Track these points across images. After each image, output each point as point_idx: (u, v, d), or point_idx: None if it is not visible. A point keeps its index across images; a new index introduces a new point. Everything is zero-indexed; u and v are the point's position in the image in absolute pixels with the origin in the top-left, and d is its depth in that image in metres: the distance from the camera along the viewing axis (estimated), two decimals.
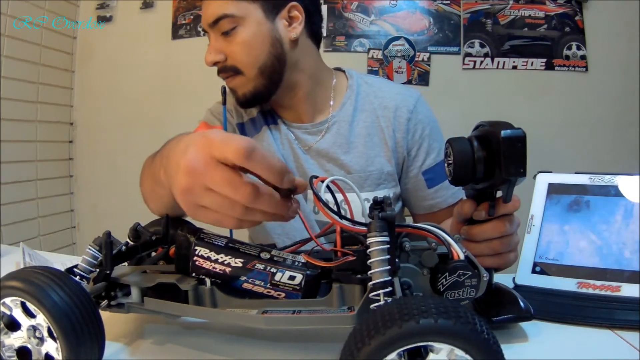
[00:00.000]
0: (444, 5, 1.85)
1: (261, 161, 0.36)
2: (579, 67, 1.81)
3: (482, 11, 1.84)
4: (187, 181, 0.37)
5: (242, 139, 0.36)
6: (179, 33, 1.98)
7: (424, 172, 0.86)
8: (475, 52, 1.84)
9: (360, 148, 0.84)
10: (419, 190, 0.87)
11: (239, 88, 0.79)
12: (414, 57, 1.86)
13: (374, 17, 1.88)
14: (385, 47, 1.87)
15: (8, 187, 1.68)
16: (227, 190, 0.36)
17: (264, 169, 0.37)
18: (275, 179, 0.38)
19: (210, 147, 0.37)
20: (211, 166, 0.36)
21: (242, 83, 0.78)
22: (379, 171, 0.84)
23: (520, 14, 1.83)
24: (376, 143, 0.85)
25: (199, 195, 0.38)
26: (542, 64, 1.82)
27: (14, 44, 1.69)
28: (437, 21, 1.85)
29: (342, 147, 0.84)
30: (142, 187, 0.65)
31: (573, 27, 1.81)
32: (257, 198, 0.37)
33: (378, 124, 0.86)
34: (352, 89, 0.88)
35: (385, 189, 0.85)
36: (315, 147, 0.85)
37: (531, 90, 1.83)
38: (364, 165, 0.84)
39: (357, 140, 0.85)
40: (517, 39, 1.83)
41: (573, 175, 0.64)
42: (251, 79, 0.77)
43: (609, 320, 0.51)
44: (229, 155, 0.36)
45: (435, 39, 1.86)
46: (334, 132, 0.85)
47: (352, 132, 0.85)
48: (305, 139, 0.86)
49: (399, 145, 0.85)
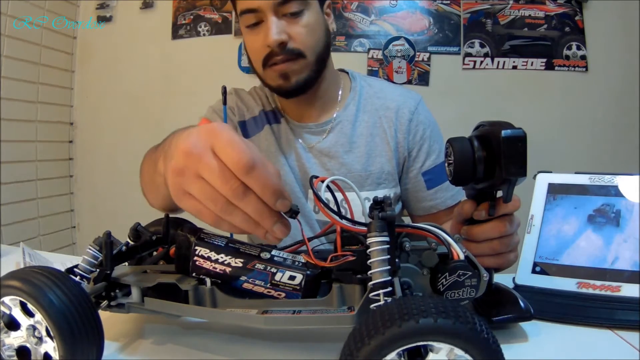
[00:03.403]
0: (444, 5, 1.85)
1: (258, 179, 0.35)
2: (579, 67, 1.81)
3: (482, 11, 1.84)
4: (182, 163, 0.37)
5: (245, 150, 0.35)
6: (179, 33, 1.98)
7: (424, 173, 0.86)
8: (475, 52, 1.84)
9: (362, 148, 0.85)
10: (419, 191, 0.87)
11: (295, 73, 0.77)
12: (414, 57, 1.86)
13: (374, 17, 1.88)
14: (385, 47, 1.87)
15: (8, 187, 1.68)
16: (216, 181, 0.36)
17: (260, 187, 0.36)
18: (269, 199, 0.37)
19: (214, 138, 0.36)
20: (208, 154, 0.36)
21: (301, 67, 0.76)
22: (379, 171, 0.85)
23: (520, 14, 1.83)
24: (378, 143, 0.86)
25: (188, 180, 0.37)
26: (542, 64, 1.82)
27: (14, 44, 1.69)
28: (437, 21, 1.85)
29: (344, 147, 0.85)
30: (142, 177, 0.65)
31: (573, 27, 1.81)
32: (244, 197, 0.36)
33: (380, 124, 0.86)
34: (355, 90, 0.89)
35: (386, 188, 0.86)
36: (318, 146, 0.85)
37: (531, 90, 1.83)
38: (365, 165, 0.84)
39: (359, 140, 0.85)
40: (517, 39, 1.83)
41: (573, 175, 0.64)
42: (310, 63, 0.77)
43: (609, 320, 0.51)
44: (228, 163, 0.35)
45: (435, 39, 1.86)
46: (337, 132, 0.86)
47: (354, 132, 0.86)
48: (309, 138, 0.86)
49: (400, 145, 0.86)
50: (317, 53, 0.77)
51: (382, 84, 0.93)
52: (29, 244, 0.82)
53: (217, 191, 0.36)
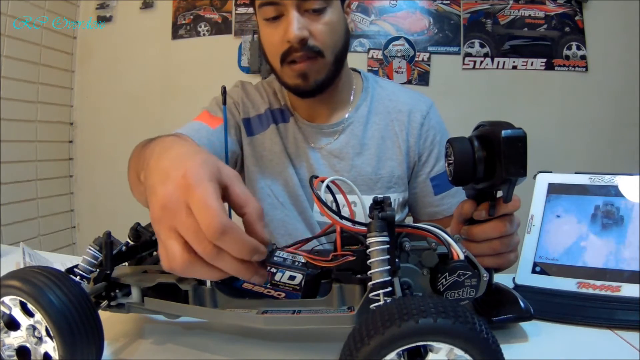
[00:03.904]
0: (444, 5, 1.85)
1: (231, 242, 0.35)
2: (579, 67, 1.81)
3: (482, 11, 1.84)
4: (159, 214, 0.36)
5: (217, 214, 0.34)
6: (179, 33, 1.98)
7: (432, 179, 0.85)
8: (475, 52, 1.84)
9: (373, 151, 0.83)
10: (426, 196, 0.86)
11: (314, 73, 0.75)
12: (414, 57, 1.86)
13: (374, 17, 1.88)
14: (385, 47, 1.87)
15: (8, 187, 1.68)
16: (191, 239, 0.35)
17: (234, 250, 0.35)
18: (244, 256, 0.36)
19: (189, 196, 0.35)
20: (182, 212, 0.35)
21: (320, 67, 0.74)
22: (389, 175, 0.83)
23: (520, 14, 1.83)
24: (389, 146, 0.84)
25: (164, 230, 0.37)
26: (542, 64, 1.82)
27: (14, 44, 1.69)
28: (437, 21, 1.85)
29: (355, 149, 0.83)
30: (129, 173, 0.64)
31: (573, 27, 1.81)
32: (217, 256, 0.35)
33: (392, 127, 0.85)
34: (367, 91, 0.87)
35: (395, 192, 0.84)
36: (328, 147, 0.84)
37: (531, 90, 1.83)
38: (375, 168, 0.83)
39: (371, 142, 0.84)
40: (517, 39, 1.83)
41: (573, 175, 0.64)
42: (328, 63, 0.75)
43: (609, 320, 0.51)
44: (201, 225, 0.34)
45: (435, 39, 1.86)
46: (348, 133, 0.84)
47: (365, 134, 0.84)
48: (319, 139, 0.84)
49: (411, 149, 0.85)
50: (336, 53, 0.76)
51: (394, 87, 0.92)
52: (29, 244, 0.82)
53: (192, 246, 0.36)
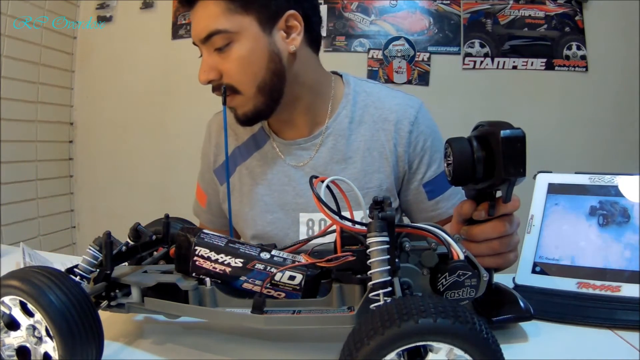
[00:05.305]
0: (444, 5, 1.85)
1: None
2: (579, 67, 1.81)
3: (482, 11, 1.84)
4: None
5: None
6: (179, 33, 1.98)
7: (425, 185, 0.82)
8: (475, 52, 1.84)
9: (359, 164, 0.80)
10: (420, 202, 0.84)
11: (238, 107, 0.73)
12: (414, 57, 1.86)
13: (374, 17, 1.88)
14: (385, 47, 1.87)
15: (8, 187, 1.68)
16: None
17: None
18: None
19: None
20: None
21: (242, 103, 0.72)
22: (377, 188, 0.80)
23: (520, 14, 1.83)
24: (375, 158, 0.80)
25: None
26: (542, 64, 1.82)
27: (14, 44, 1.69)
28: (437, 21, 1.85)
29: (340, 163, 0.80)
30: None
31: (573, 27, 1.81)
32: None
33: (378, 138, 0.81)
34: (347, 97, 0.82)
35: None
36: (311, 163, 0.80)
37: (531, 90, 1.83)
38: (362, 182, 0.79)
39: (356, 155, 0.80)
40: (517, 39, 1.82)
41: (573, 175, 0.64)
42: (250, 97, 0.71)
43: (609, 320, 0.51)
44: None
45: (435, 39, 1.86)
46: (330, 147, 0.80)
47: (349, 146, 0.80)
48: (300, 155, 0.81)
49: (400, 159, 0.81)
50: (257, 85, 0.70)
51: (380, 91, 0.85)
52: (29, 244, 0.82)
53: None
